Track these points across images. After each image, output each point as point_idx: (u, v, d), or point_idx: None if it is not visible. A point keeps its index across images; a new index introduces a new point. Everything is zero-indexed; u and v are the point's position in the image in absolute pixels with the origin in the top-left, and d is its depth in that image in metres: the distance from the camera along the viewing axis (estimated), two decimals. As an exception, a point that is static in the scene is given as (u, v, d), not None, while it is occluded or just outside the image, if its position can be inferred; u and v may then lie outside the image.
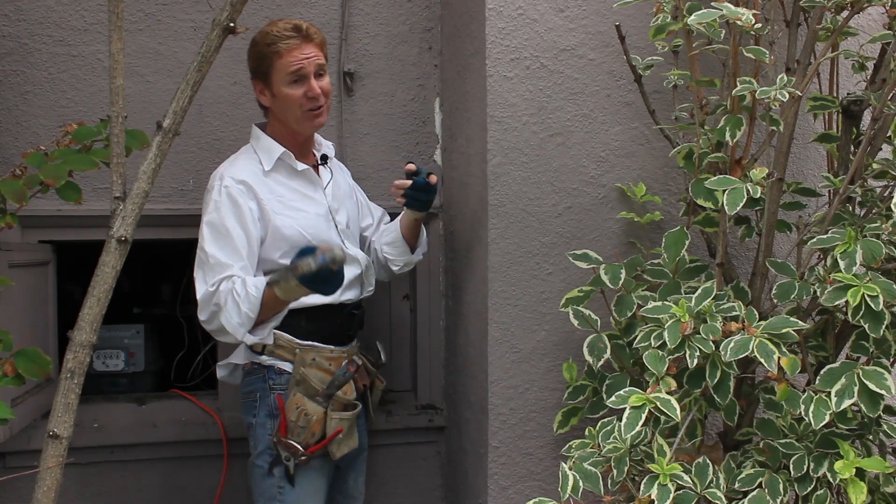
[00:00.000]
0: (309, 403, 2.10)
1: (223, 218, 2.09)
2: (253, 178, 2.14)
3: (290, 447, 2.09)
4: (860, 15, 2.15)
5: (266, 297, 2.05)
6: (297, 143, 2.23)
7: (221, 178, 2.13)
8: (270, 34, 2.14)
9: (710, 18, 1.82)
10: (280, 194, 2.17)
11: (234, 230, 2.09)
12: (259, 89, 2.20)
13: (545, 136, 2.29)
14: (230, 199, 2.10)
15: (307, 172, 2.23)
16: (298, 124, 2.18)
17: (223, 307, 2.04)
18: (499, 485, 2.30)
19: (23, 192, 1.83)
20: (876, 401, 1.70)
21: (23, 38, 2.48)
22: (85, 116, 2.42)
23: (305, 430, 2.09)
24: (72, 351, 1.75)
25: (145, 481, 2.54)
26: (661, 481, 1.70)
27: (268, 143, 2.20)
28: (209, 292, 2.06)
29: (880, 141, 2.08)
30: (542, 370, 2.31)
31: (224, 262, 2.07)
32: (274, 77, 2.14)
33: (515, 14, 2.26)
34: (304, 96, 2.14)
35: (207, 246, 2.09)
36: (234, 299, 2.04)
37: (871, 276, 1.74)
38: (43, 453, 1.73)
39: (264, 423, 2.14)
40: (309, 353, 2.15)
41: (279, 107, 2.18)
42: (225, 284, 2.06)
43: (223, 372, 2.26)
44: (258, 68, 2.17)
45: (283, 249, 2.14)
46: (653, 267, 2.10)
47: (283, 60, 2.12)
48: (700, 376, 1.81)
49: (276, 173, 2.19)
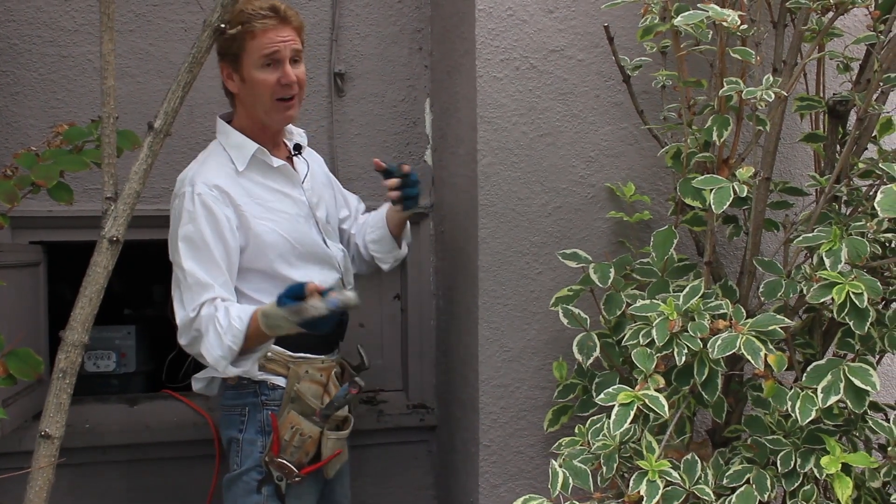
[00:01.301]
0: (304, 423, 2.00)
1: (199, 230, 1.95)
2: (227, 182, 2.00)
3: (284, 467, 1.98)
4: (846, 16, 2.17)
5: (251, 329, 1.92)
6: (268, 134, 2.09)
7: (192, 184, 1.97)
8: (244, 12, 1.95)
9: (697, 19, 1.83)
10: (257, 196, 2.04)
11: (211, 242, 1.95)
12: (227, 73, 2.04)
13: (535, 137, 2.31)
14: (204, 207, 1.95)
15: (283, 168, 2.10)
16: (267, 115, 2.03)
17: (204, 335, 1.92)
18: (490, 483, 2.31)
19: (14, 192, 1.83)
20: (861, 397, 1.72)
21: (13, 38, 2.47)
22: (76, 117, 2.42)
23: (300, 449, 2.00)
24: (63, 351, 1.76)
25: (137, 482, 2.54)
26: (650, 478, 1.72)
27: (238, 139, 2.05)
28: (189, 318, 1.94)
29: (865, 140, 2.10)
30: (533, 369, 2.32)
31: (204, 282, 1.93)
32: (245, 60, 1.98)
33: (505, 15, 2.27)
34: (277, 83, 1.99)
35: (185, 262, 1.94)
36: (215, 330, 1.91)
37: (856, 274, 1.76)
38: (35, 454, 1.74)
39: (254, 440, 2.03)
40: (301, 365, 2.05)
41: (248, 94, 2.02)
42: (206, 309, 1.93)
43: (199, 384, 2.12)
44: (228, 49, 2.00)
45: (268, 257, 2.03)
46: (641, 266, 2.12)
47: (256, 41, 1.96)
48: (688, 374, 1.83)
49: (250, 172, 2.04)
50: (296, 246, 2.07)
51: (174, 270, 2.01)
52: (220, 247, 1.97)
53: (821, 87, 2.28)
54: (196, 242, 1.96)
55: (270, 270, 2.05)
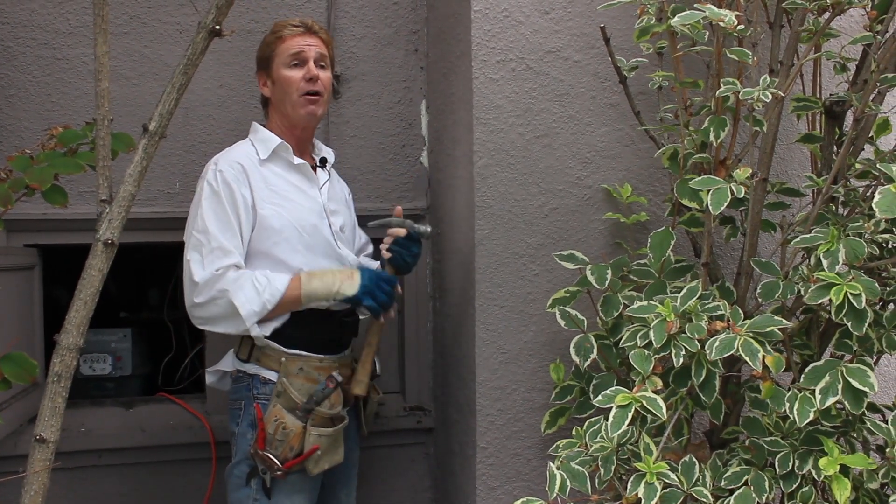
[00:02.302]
0: (288, 417, 2.05)
1: (221, 202, 2.05)
2: (248, 163, 2.11)
3: (267, 460, 2.02)
4: (842, 16, 2.18)
5: (288, 292, 2.04)
6: (296, 138, 2.20)
7: (216, 163, 2.09)
8: (277, 24, 2.20)
9: (694, 20, 1.83)
10: (273, 184, 2.12)
11: (231, 214, 2.05)
12: (262, 81, 2.21)
13: (531, 138, 2.30)
14: (225, 184, 2.05)
15: (303, 167, 2.19)
16: (294, 109, 2.16)
17: (238, 291, 2.00)
18: (487, 485, 2.31)
19: (8, 195, 1.82)
20: (859, 398, 1.72)
21: (7, 41, 2.47)
22: (70, 119, 2.41)
23: (283, 443, 2.04)
24: (59, 354, 1.75)
25: (133, 485, 2.53)
26: (647, 480, 1.71)
27: (265, 134, 2.18)
28: (213, 276, 2.00)
29: (862, 141, 2.10)
30: (530, 371, 2.32)
31: (226, 248, 2.02)
32: (275, 62, 2.16)
33: (501, 16, 2.27)
34: (303, 79, 2.14)
35: (210, 226, 2.03)
36: (253, 286, 2.01)
37: (853, 275, 1.75)
38: (30, 458, 1.73)
39: (245, 433, 2.09)
40: (295, 362, 2.10)
41: (278, 92, 2.17)
42: (233, 272, 2.01)
43: (212, 378, 2.23)
44: (262, 56, 2.20)
45: (271, 240, 2.09)
46: (639, 267, 2.11)
47: (284, 45, 2.15)
48: (686, 375, 1.82)
49: (271, 164, 2.15)
50: (302, 234, 2.12)
51: (193, 235, 2.05)
52: (237, 221, 2.06)
53: (817, 88, 2.28)
54: (218, 212, 2.05)
55: (271, 255, 2.09)
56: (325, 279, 2.09)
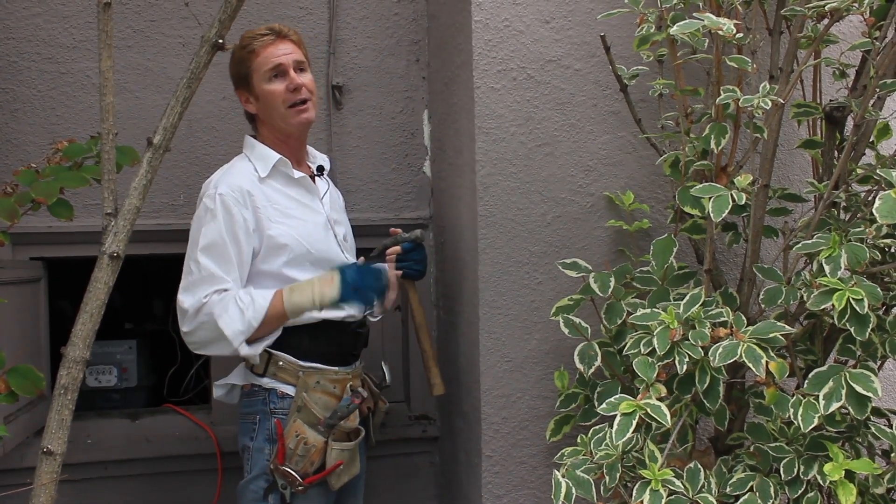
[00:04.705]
0: (309, 432, 2.03)
1: (218, 228, 2.02)
2: (250, 185, 2.07)
3: (288, 475, 2.01)
4: (841, 23, 2.19)
5: (271, 308, 2.01)
6: (291, 148, 2.18)
7: (216, 186, 2.05)
8: (245, 38, 2.13)
9: (693, 28, 1.84)
10: (276, 202, 2.10)
11: (228, 241, 2.02)
12: (244, 98, 2.17)
13: (533, 147, 2.31)
14: (224, 207, 2.02)
15: (303, 181, 2.18)
16: (285, 121, 2.13)
17: (223, 313, 1.98)
18: (493, 493, 2.31)
19: (14, 209, 1.83)
20: (863, 403, 1.71)
21: (11, 55, 2.48)
22: (75, 133, 2.43)
23: (304, 458, 2.03)
24: (65, 367, 1.76)
25: (139, 496, 2.53)
26: (653, 487, 1.71)
27: (263, 150, 2.15)
28: (200, 303, 1.99)
29: (863, 146, 2.10)
30: (534, 379, 2.32)
31: (217, 275, 2.00)
32: (254, 78, 2.11)
33: (502, 26, 2.28)
34: (286, 90, 2.10)
35: (201, 257, 2.01)
36: (237, 305, 1.99)
37: (855, 280, 1.76)
38: (37, 470, 1.74)
39: (262, 448, 2.06)
40: (312, 376, 2.08)
41: (264, 108, 2.13)
42: (218, 295, 1.99)
43: (220, 392, 2.19)
44: (238, 74, 2.15)
45: (280, 259, 2.07)
46: (642, 274, 2.12)
47: (259, 58, 2.10)
48: (690, 382, 1.83)
49: (271, 181, 2.12)
50: (311, 251, 2.11)
51: (187, 263, 2.05)
52: (235, 247, 2.03)
53: (817, 94, 2.29)
54: (214, 239, 2.02)
55: (281, 274, 2.08)
56: (304, 289, 2.05)
